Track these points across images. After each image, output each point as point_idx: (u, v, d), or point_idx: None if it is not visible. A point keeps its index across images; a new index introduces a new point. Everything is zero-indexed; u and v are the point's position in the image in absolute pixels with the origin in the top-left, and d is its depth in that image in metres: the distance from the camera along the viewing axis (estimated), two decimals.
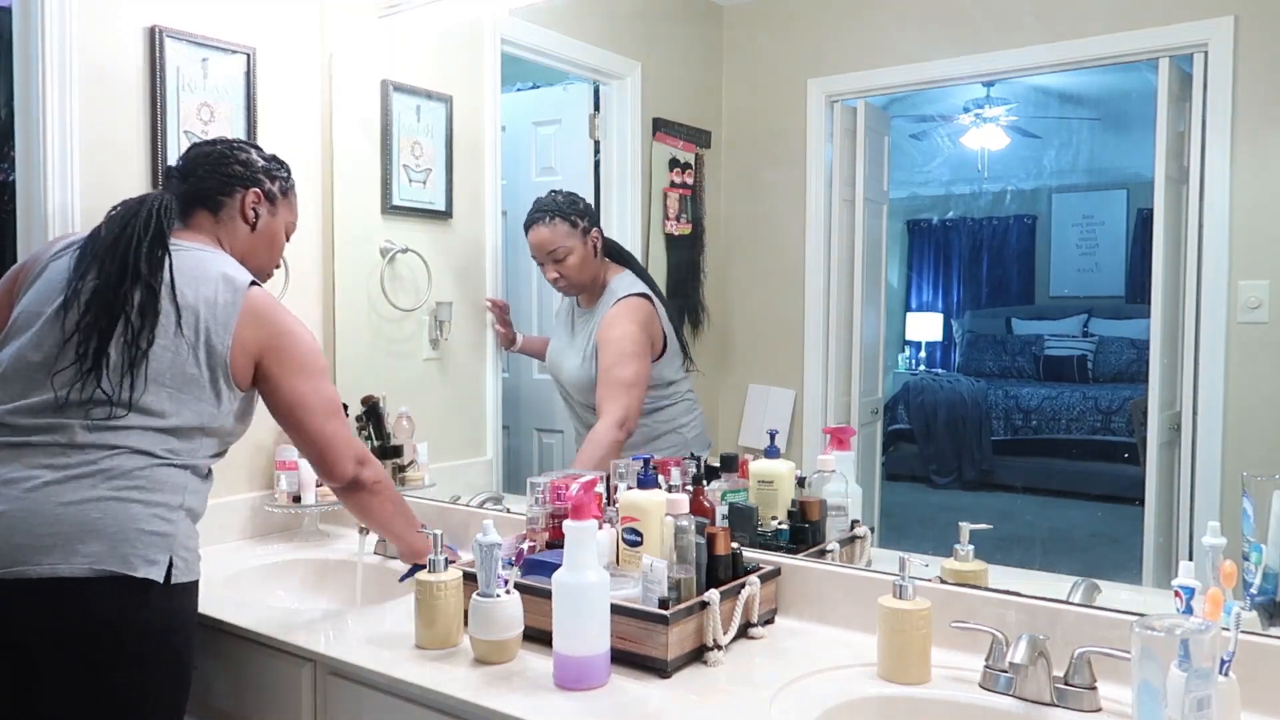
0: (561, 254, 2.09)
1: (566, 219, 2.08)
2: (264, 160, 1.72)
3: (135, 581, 1.37)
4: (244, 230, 1.68)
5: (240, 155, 1.69)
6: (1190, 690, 1.00)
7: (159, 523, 1.42)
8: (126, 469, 1.41)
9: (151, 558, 1.39)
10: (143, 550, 1.38)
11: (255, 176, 1.69)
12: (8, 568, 1.32)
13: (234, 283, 1.53)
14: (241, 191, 1.67)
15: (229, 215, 1.66)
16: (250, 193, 1.67)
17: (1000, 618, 1.40)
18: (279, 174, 1.74)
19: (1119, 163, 2.57)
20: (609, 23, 2.33)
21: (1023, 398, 2.56)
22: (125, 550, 1.37)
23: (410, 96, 2.42)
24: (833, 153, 1.97)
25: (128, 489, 1.40)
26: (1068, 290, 3.30)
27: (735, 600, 1.49)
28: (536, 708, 1.27)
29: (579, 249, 2.08)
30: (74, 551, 1.34)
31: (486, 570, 1.43)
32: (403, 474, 2.34)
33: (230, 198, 1.66)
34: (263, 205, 1.69)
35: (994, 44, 1.76)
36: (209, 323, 1.49)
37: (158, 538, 1.41)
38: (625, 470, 1.71)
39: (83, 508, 1.36)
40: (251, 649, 1.63)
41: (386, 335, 2.47)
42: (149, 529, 1.40)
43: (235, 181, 1.67)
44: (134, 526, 1.38)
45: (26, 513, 1.35)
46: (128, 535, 1.37)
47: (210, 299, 1.50)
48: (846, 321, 1.99)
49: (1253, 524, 1.31)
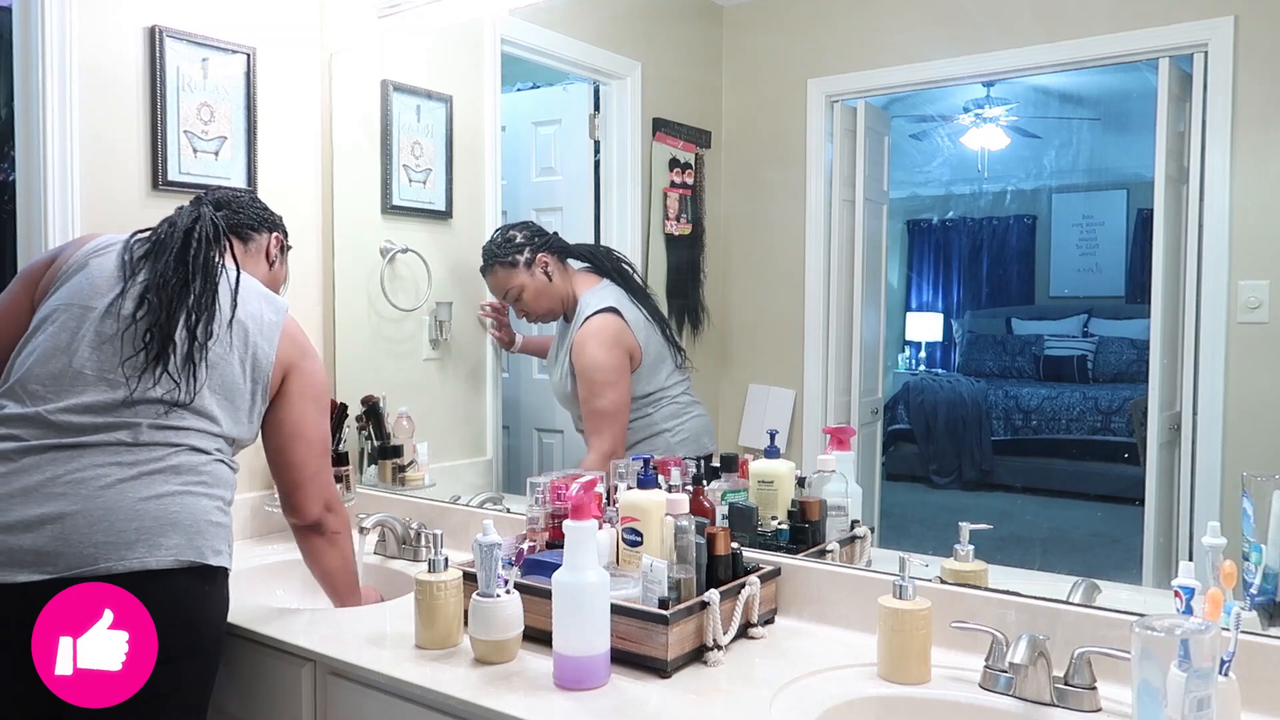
0: (514, 294, 2.14)
1: (504, 262, 2.13)
2: (277, 215, 1.88)
3: (210, 570, 1.46)
4: (263, 269, 1.80)
5: (262, 203, 1.86)
6: (1190, 690, 1.00)
7: (221, 514, 1.52)
8: (192, 465, 1.49)
9: (218, 547, 1.48)
10: (213, 541, 1.47)
11: (279, 224, 1.86)
12: (93, 565, 1.36)
13: (275, 304, 1.66)
14: (268, 234, 1.82)
15: (256, 250, 1.80)
16: (274, 236, 1.83)
17: (1000, 618, 1.40)
18: (285, 230, 1.89)
19: (1119, 163, 2.56)
20: (609, 23, 2.33)
21: (1023, 398, 2.55)
22: (200, 542, 1.45)
23: (410, 96, 2.42)
24: (833, 153, 1.97)
25: (195, 484, 1.48)
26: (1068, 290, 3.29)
27: (735, 600, 1.49)
28: (536, 708, 1.27)
29: (528, 284, 2.12)
30: (158, 545, 1.40)
31: (486, 570, 1.43)
32: (403, 474, 2.34)
33: (260, 234, 1.81)
34: (278, 251, 1.85)
35: (994, 44, 1.76)
36: (257, 338, 1.58)
37: (222, 529, 1.51)
38: (625, 470, 1.71)
39: (161, 502, 1.43)
40: (251, 649, 1.63)
41: (386, 335, 2.47)
42: (215, 520, 1.49)
43: (264, 223, 1.82)
44: (204, 519, 1.47)
45: (105, 510, 1.38)
46: (201, 527, 1.46)
47: (257, 315, 1.60)
48: (846, 321, 1.99)
49: (1253, 524, 1.31)
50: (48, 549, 1.35)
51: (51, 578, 1.34)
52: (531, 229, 2.16)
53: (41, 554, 1.35)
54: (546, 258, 2.11)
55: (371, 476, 2.40)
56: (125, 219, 1.98)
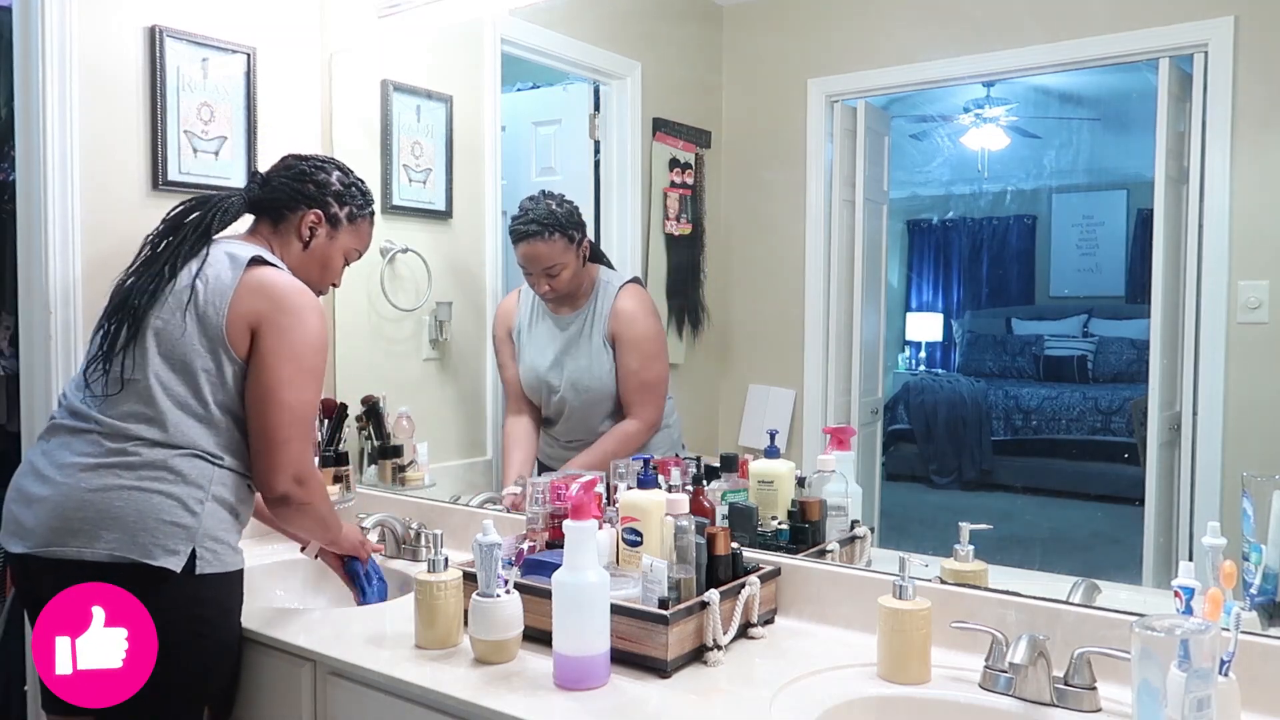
0: (556, 270, 2.01)
1: (565, 234, 2.00)
2: (341, 185, 1.73)
3: (153, 570, 1.41)
4: (297, 247, 1.69)
5: (318, 176, 1.71)
6: (1190, 690, 1.00)
7: (182, 514, 1.45)
8: (149, 459, 1.46)
9: (172, 547, 1.43)
10: (163, 540, 1.42)
11: (324, 199, 1.70)
12: (45, 547, 1.43)
13: (239, 260, 1.54)
14: (304, 210, 1.69)
15: (286, 229, 1.69)
16: (311, 213, 1.69)
17: (1000, 618, 1.40)
18: (352, 201, 1.74)
19: (1119, 163, 2.56)
20: (609, 23, 2.33)
21: (1023, 398, 2.56)
22: (145, 539, 1.41)
23: (410, 96, 2.42)
24: (833, 153, 1.97)
25: (150, 479, 1.45)
26: (1068, 290, 3.30)
27: (735, 600, 1.49)
28: (536, 708, 1.27)
29: (573, 263, 2.01)
30: (97, 537, 1.41)
31: (486, 570, 1.43)
32: (403, 474, 2.34)
33: (293, 213, 1.68)
34: (321, 227, 1.70)
35: (994, 44, 1.76)
36: (205, 296, 1.51)
37: (179, 528, 1.44)
38: (625, 470, 1.71)
39: (106, 495, 1.43)
40: (251, 649, 1.63)
41: (386, 335, 2.47)
42: (169, 519, 1.44)
43: (302, 199, 1.69)
44: (155, 516, 1.43)
45: (63, 497, 1.44)
46: (147, 524, 1.42)
47: (212, 276, 1.53)
48: (846, 321, 1.99)
49: (1253, 524, 1.31)
50: (29, 524, 1.46)
51: (28, 552, 1.45)
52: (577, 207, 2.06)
53: (24, 529, 1.46)
54: (588, 243, 2.05)
55: (371, 476, 2.39)
56: (125, 219, 1.98)
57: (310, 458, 1.59)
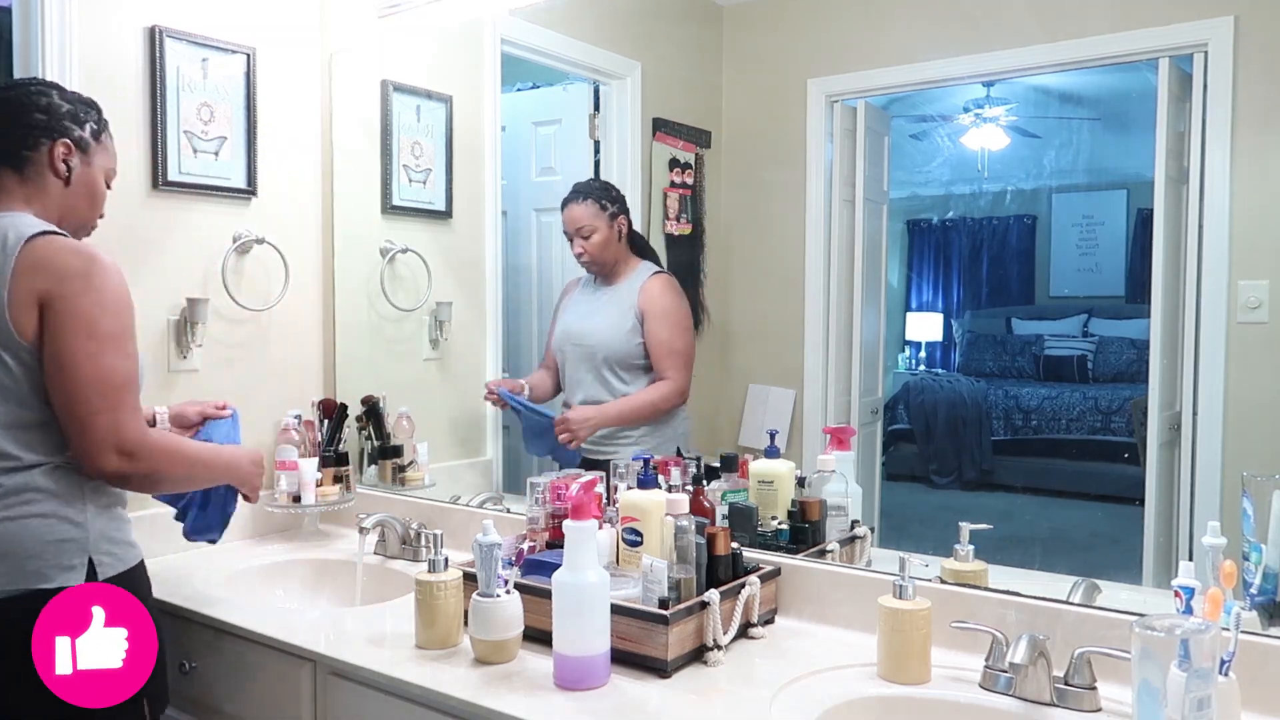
0: (588, 231, 2.17)
1: (597, 201, 2.17)
2: (68, 104, 1.52)
3: (53, 592, 1.34)
4: (56, 186, 1.50)
5: (40, 101, 1.49)
6: (1190, 690, 1.00)
7: (66, 528, 1.39)
8: (9, 487, 1.36)
9: (67, 564, 1.37)
10: (54, 559, 1.37)
11: (61, 125, 1.50)
12: None
13: (6, 240, 1.38)
14: (48, 144, 1.48)
15: (36, 172, 1.48)
16: (59, 144, 1.49)
17: (1000, 618, 1.40)
18: (88, 117, 1.55)
19: (1119, 163, 2.56)
20: (609, 23, 2.33)
21: (1023, 398, 2.55)
22: (37, 565, 1.36)
23: (410, 96, 2.42)
24: (833, 153, 1.97)
25: (17, 505, 1.36)
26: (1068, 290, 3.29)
27: (735, 600, 1.49)
28: (536, 708, 1.27)
29: (604, 229, 2.17)
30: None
31: (486, 570, 1.43)
32: (403, 474, 2.34)
33: (36, 152, 1.48)
34: (74, 156, 1.51)
35: (994, 44, 1.76)
36: None
37: (69, 544, 1.38)
38: (625, 470, 1.71)
39: None
40: (251, 649, 1.63)
41: (386, 335, 2.47)
42: (56, 538, 1.37)
43: (39, 133, 1.48)
44: (39, 540, 1.36)
45: None
46: (33, 550, 1.36)
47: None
48: (846, 321, 1.99)
49: (1253, 524, 1.31)
50: None
51: None
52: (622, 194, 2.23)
53: None
54: (624, 222, 2.19)
55: (371, 476, 2.40)
56: (125, 219, 1.98)
57: (134, 424, 1.40)
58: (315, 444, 2.29)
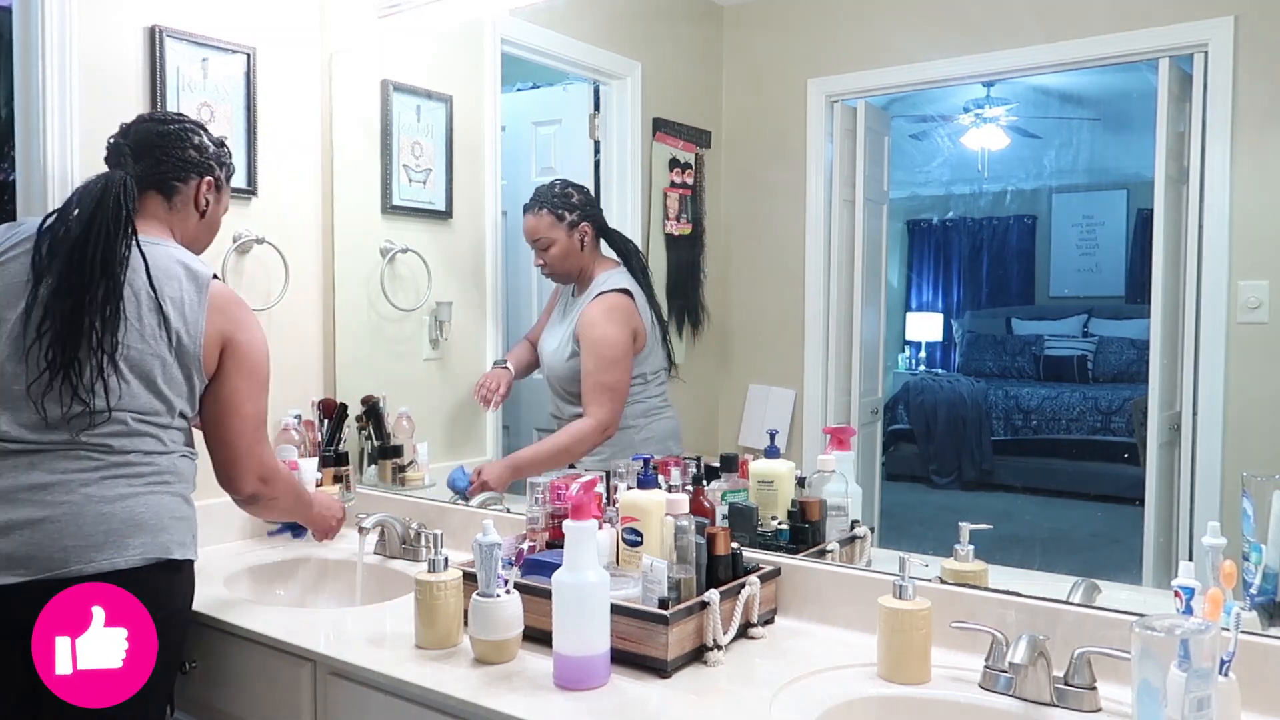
0: (544, 244, 2.14)
1: (553, 211, 2.12)
2: (213, 145, 1.69)
3: (175, 563, 1.49)
4: (194, 218, 1.66)
5: (194, 139, 1.64)
6: (1190, 690, 1.00)
7: (184, 508, 1.54)
8: (149, 464, 1.49)
9: (182, 540, 1.51)
10: (177, 535, 1.50)
11: (208, 163, 1.66)
12: (65, 568, 1.39)
13: (198, 278, 1.55)
14: (196, 179, 1.64)
15: (182, 202, 1.64)
16: (205, 181, 1.65)
17: (1000, 618, 1.40)
18: (227, 160, 1.72)
19: (1119, 163, 2.56)
20: (609, 23, 2.33)
21: (1023, 398, 2.55)
22: (165, 539, 1.48)
23: (410, 96, 2.42)
24: (833, 153, 1.97)
25: (157, 482, 1.50)
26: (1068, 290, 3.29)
27: (735, 600, 1.49)
28: (536, 708, 1.27)
29: (562, 240, 2.12)
30: (125, 545, 1.43)
31: (486, 570, 1.43)
32: (403, 474, 2.34)
33: (185, 184, 1.63)
34: (212, 193, 1.67)
35: (994, 44, 1.76)
36: (179, 323, 1.51)
37: (185, 522, 1.53)
38: (625, 470, 1.71)
39: (127, 504, 1.45)
40: (251, 649, 1.63)
41: (386, 335, 2.47)
42: (178, 515, 1.52)
43: (191, 168, 1.63)
44: (168, 516, 1.50)
45: (72, 515, 1.41)
46: (164, 524, 1.48)
47: (177, 299, 1.52)
48: (846, 321, 1.99)
49: (1253, 524, 1.31)
50: (19, 554, 1.39)
51: (25, 580, 1.38)
52: (587, 195, 2.17)
53: (13, 558, 1.39)
54: (588, 228, 2.13)
55: (371, 476, 2.40)
56: None
57: (271, 455, 1.67)
58: (315, 444, 2.29)
